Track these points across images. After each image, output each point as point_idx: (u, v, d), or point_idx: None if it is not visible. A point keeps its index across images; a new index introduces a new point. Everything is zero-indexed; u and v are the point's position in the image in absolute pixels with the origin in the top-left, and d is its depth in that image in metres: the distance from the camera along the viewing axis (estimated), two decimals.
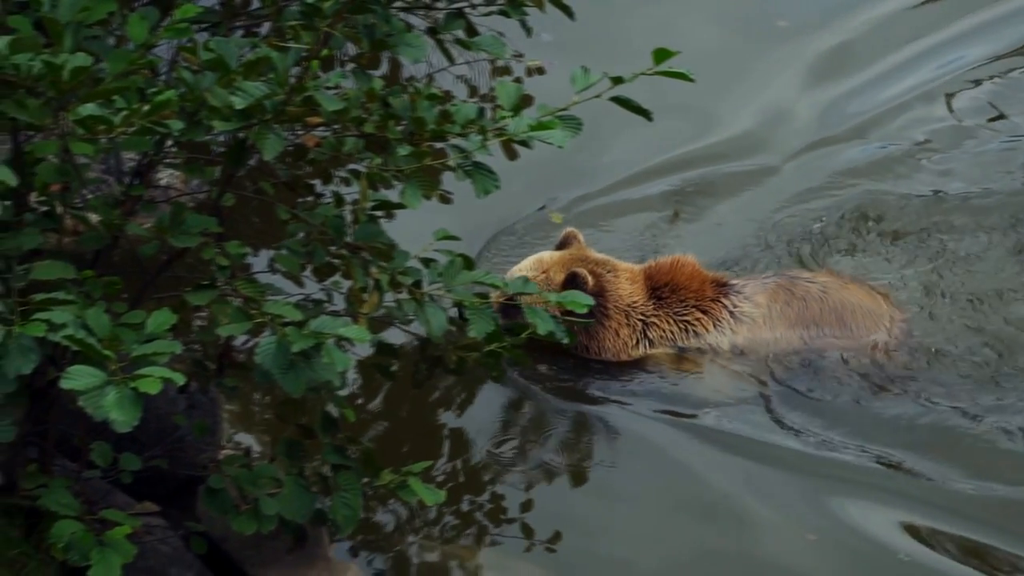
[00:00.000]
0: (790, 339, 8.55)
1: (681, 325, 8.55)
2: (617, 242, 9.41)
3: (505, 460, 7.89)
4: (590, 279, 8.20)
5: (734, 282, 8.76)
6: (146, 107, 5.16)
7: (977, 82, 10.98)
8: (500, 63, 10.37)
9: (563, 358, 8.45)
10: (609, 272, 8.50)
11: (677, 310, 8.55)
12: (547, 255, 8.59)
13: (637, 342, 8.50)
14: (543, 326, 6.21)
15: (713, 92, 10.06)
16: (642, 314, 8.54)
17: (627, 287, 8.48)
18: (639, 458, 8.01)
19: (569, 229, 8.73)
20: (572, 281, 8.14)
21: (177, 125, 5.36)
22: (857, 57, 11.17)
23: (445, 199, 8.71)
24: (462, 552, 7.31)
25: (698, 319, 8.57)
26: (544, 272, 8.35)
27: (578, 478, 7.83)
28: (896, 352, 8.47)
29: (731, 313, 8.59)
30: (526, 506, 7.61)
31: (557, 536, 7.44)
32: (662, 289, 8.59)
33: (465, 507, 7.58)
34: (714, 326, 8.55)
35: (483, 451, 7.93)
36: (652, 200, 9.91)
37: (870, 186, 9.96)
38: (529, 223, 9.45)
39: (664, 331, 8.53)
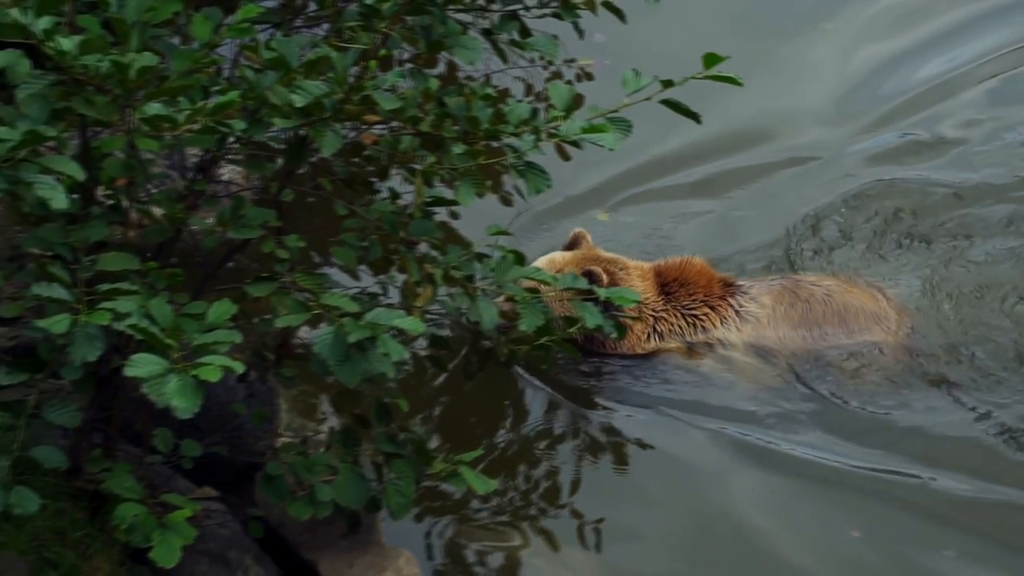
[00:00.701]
0: (793, 339, 8.55)
1: (689, 320, 8.57)
2: (647, 233, 9.48)
3: (546, 452, 7.88)
4: (605, 277, 8.19)
5: (741, 283, 8.79)
6: (210, 106, 5.21)
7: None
8: (552, 63, 10.35)
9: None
10: (621, 270, 8.50)
11: (686, 304, 8.57)
12: (559, 255, 8.59)
13: (648, 336, 8.54)
14: (591, 320, 6.23)
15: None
16: (652, 309, 8.58)
17: (638, 284, 8.49)
18: (663, 457, 8.00)
19: (578, 230, 8.74)
20: (588, 279, 8.08)
21: (239, 125, 5.41)
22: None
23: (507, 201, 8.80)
24: (511, 538, 7.32)
25: (706, 314, 8.60)
26: (558, 271, 8.31)
27: (614, 473, 7.83)
28: (898, 354, 8.42)
29: (737, 312, 8.62)
30: (571, 495, 7.62)
31: (600, 523, 7.46)
32: (671, 285, 8.64)
33: (513, 495, 7.58)
34: (721, 323, 8.59)
35: (526, 443, 7.92)
36: (682, 190, 9.89)
37: (895, 174, 9.91)
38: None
39: (673, 325, 8.56)
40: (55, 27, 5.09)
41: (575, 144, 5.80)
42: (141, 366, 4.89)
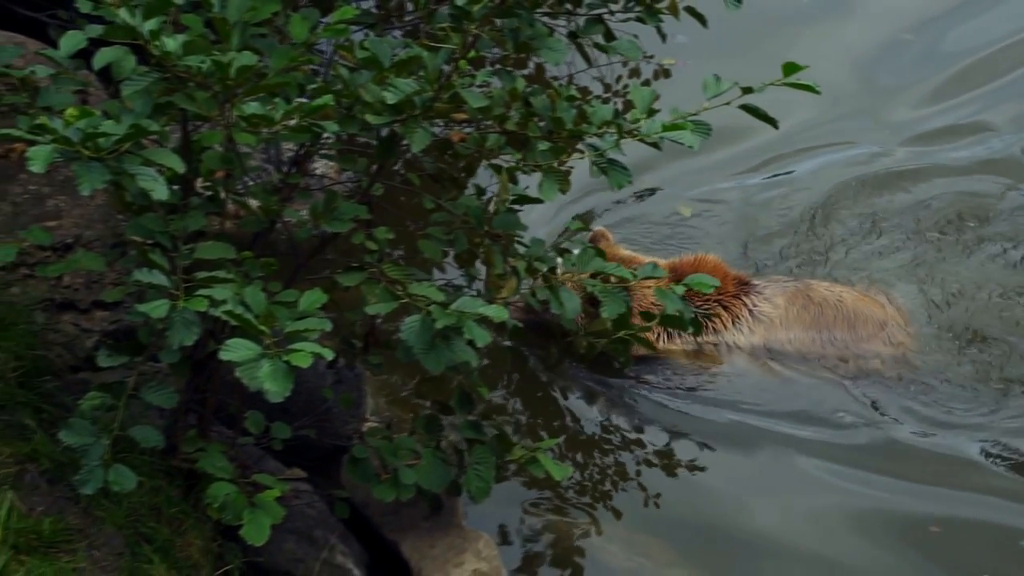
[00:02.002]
0: (803, 341, 8.40)
1: (701, 319, 8.26)
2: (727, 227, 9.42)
3: (617, 443, 7.88)
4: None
5: (756, 282, 8.59)
6: (306, 106, 5.26)
7: None
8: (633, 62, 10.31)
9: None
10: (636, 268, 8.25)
11: (698, 303, 8.26)
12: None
13: (658, 335, 8.23)
14: (672, 305, 6.21)
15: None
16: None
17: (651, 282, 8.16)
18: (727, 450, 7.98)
19: (598, 228, 8.55)
20: None
21: (332, 127, 5.45)
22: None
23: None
24: (586, 524, 7.32)
25: (718, 314, 8.39)
26: None
27: (685, 466, 7.81)
28: (898, 366, 8.30)
29: (751, 312, 8.43)
30: (643, 484, 7.61)
31: (674, 511, 7.45)
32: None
33: (587, 482, 7.59)
34: (733, 323, 8.41)
35: (598, 432, 7.92)
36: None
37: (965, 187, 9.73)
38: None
39: None
40: (160, 27, 5.16)
41: (655, 145, 5.80)
42: (236, 351, 4.93)
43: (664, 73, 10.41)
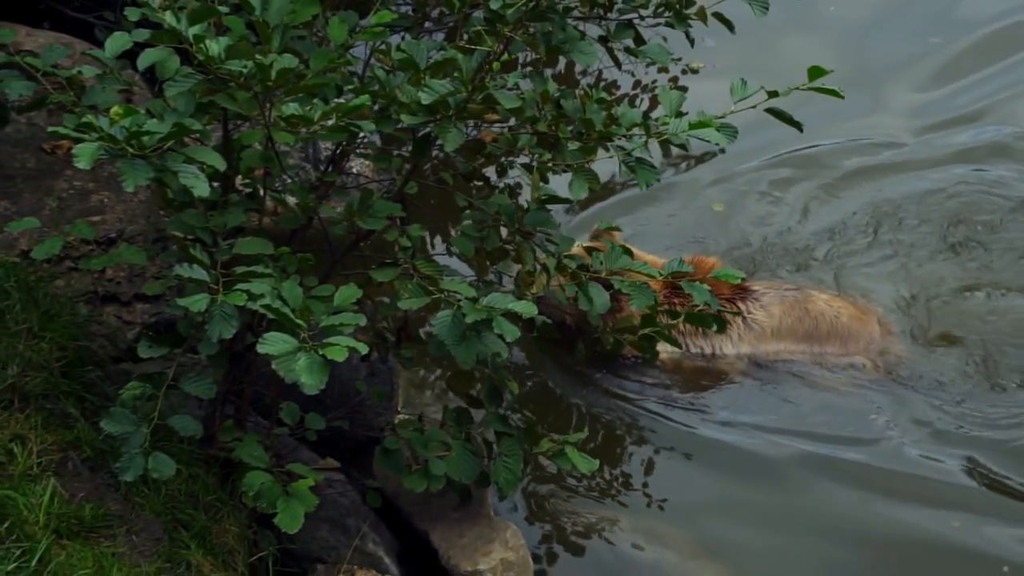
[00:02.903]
0: (793, 352, 8.21)
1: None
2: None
3: (641, 437, 7.89)
4: None
5: (755, 288, 8.29)
6: (343, 106, 5.29)
7: None
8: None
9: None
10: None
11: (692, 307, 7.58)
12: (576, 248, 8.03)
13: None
14: (699, 296, 6.20)
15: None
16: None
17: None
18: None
19: (600, 225, 8.21)
20: None
21: (369, 127, 5.48)
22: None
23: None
24: (610, 515, 7.34)
25: None
26: None
27: (706, 461, 7.80)
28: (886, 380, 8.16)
29: (744, 319, 8.17)
30: (666, 477, 7.62)
31: (697, 506, 7.47)
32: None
33: (616, 476, 7.60)
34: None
35: (623, 428, 7.94)
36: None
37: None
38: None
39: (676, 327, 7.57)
40: (204, 31, 5.20)
41: (682, 147, 5.81)
42: (273, 344, 4.94)
43: (692, 71, 10.36)
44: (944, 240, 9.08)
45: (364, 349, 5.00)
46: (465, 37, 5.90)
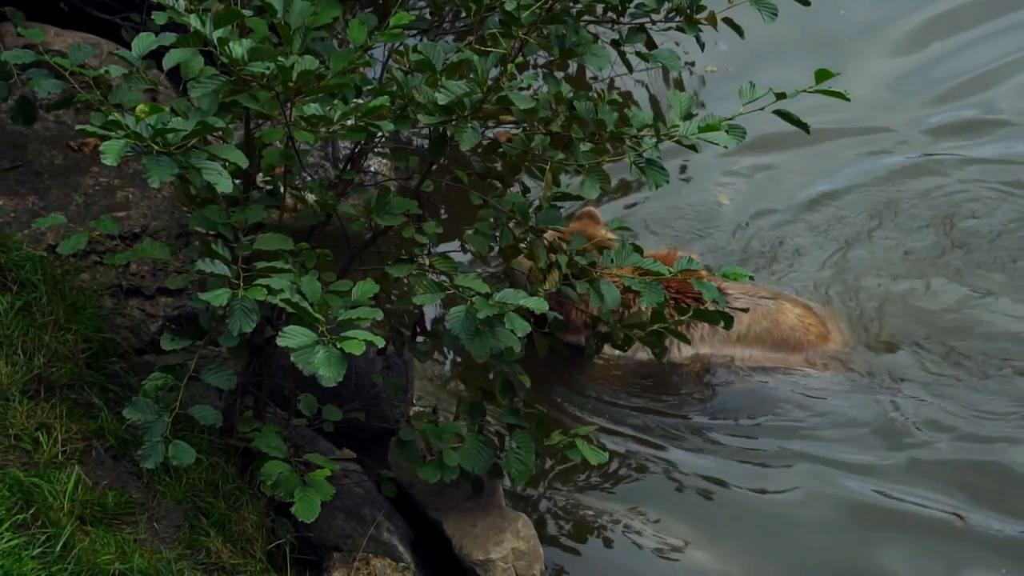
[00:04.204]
0: (759, 360, 8.10)
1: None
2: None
3: (650, 432, 7.88)
4: None
5: (730, 292, 7.94)
6: (362, 107, 5.31)
7: None
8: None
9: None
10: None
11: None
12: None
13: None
14: (709, 294, 6.20)
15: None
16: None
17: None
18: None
19: (588, 208, 8.18)
20: None
21: (388, 127, 5.50)
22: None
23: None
24: (619, 507, 7.33)
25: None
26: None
27: (713, 454, 7.79)
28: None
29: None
30: (674, 470, 7.62)
31: (704, 498, 7.48)
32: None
33: (624, 469, 7.60)
34: (687, 328, 7.77)
35: (631, 421, 7.94)
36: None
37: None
38: None
39: None
40: (228, 34, 5.23)
41: (692, 147, 5.82)
42: (292, 337, 4.97)
43: (709, 71, 10.36)
44: (945, 237, 9.06)
45: (381, 343, 5.02)
46: (474, 37, 5.92)
